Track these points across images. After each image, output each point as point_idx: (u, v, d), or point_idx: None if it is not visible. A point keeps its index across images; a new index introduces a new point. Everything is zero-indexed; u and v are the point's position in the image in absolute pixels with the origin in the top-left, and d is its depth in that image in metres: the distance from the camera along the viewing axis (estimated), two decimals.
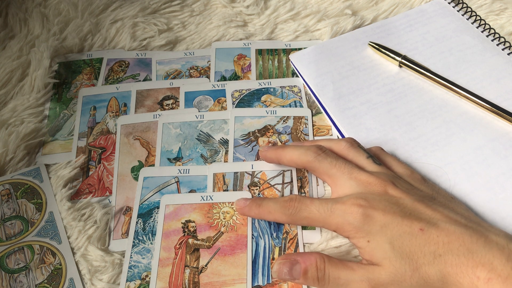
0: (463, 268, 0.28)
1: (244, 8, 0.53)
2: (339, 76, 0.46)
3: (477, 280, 0.27)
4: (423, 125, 0.42)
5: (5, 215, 0.39)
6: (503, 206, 0.37)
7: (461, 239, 0.29)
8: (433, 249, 0.29)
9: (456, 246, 0.28)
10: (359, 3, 0.53)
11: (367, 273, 0.30)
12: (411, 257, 0.29)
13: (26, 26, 0.52)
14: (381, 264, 0.29)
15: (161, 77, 0.49)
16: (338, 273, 0.30)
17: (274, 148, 0.39)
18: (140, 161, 0.42)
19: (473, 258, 0.28)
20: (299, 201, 0.33)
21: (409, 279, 0.29)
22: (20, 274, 0.36)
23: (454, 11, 0.51)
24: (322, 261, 0.31)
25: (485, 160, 0.39)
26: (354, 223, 0.31)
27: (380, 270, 0.29)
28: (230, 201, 0.39)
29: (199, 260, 0.36)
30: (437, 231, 0.29)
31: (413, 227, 0.30)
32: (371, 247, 0.30)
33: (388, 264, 0.29)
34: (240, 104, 0.46)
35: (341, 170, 0.34)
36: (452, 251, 0.28)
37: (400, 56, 0.46)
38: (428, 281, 0.29)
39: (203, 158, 0.42)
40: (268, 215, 0.35)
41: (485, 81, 0.44)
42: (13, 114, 0.45)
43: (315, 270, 0.31)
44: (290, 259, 0.31)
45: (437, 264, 0.28)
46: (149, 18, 0.52)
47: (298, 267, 0.31)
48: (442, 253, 0.28)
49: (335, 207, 0.32)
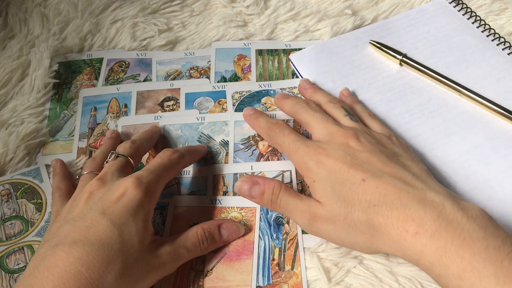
0: (394, 220, 0.29)
1: (244, 8, 0.53)
2: (340, 75, 0.46)
3: (406, 233, 0.28)
4: (422, 124, 0.42)
5: (5, 215, 0.39)
6: (502, 204, 0.37)
7: (398, 194, 0.30)
8: (369, 199, 0.30)
9: (391, 200, 0.30)
10: (359, 3, 0.53)
11: (310, 206, 0.33)
12: (348, 201, 0.31)
13: (26, 26, 0.52)
14: (321, 202, 0.33)
15: (161, 77, 0.49)
16: (289, 200, 0.34)
17: (282, 96, 0.43)
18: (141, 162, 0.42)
19: (405, 212, 0.29)
20: (280, 128, 0.38)
21: (343, 220, 0.31)
22: (20, 274, 0.36)
23: (454, 11, 0.51)
24: (279, 187, 0.35)
25: (485, 159, 0.39)
26: (308, 164, 0.34)
27: (320, 206, 0.33)
28: (239, 206, 0.39)
29: (205, 264, 0.36)
30: (377, 183, 0.31)
31: (356, 177, 0.32)
32: (316, 186, 0.34)
33: (326, 203, 0.32)
34: (241, 106, 0.46)
35: (318, 121, 0.37)
36: (386, 203, 0.30)
37: (401, 54, 0.46)
38: (359, 226, 0.31)
39: (204, 160, 0.42)
40: (258, 129, 0.41)
41: (485, 81, 0.44)
42: (13, 114, 0.45)
43: (271, 193, 0.35)
44: (253, 179, 0.36)
45: (370, 212, 0.30)
46: (149, 18, 0.52)
47: (258, 188, 0.35)
48: (377, 203, 0.30)
49: (301, 147, 0.35)
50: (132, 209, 0.32)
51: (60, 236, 0.30)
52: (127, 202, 0.32)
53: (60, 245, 0.29)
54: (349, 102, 0.42)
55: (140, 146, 0.39)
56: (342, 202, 0.32)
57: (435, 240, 0.27)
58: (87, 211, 0.32)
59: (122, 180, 0.33)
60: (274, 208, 0.35)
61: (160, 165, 0.36)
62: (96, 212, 0.31)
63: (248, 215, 0.38)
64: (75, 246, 0.29)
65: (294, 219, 0.35)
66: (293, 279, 0.35)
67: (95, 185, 0.34)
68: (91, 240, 0.29)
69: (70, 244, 0.29)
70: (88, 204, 0.32)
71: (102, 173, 0.35)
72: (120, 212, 0.31)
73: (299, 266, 0.36)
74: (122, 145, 0.39)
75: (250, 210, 0.39)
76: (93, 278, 0.28)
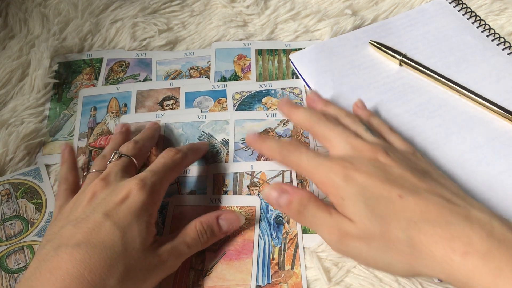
0: (437, 239, 0.27)
1: (244, 8, 0.53)
2: (339, 74, 0.46)
3: (453, 253, 0.26)
4: (423, 124, 0.42)
5: (5, 215, 0.39)
6: (503, 204, 0.37)
7: (440, 211, 0.28)
8: (409, 216, 0.28)
9: (434, 217, 0.28)
10: (359, 3, 0.53)
11: (340, 222, 0.31)
12: (384, 219, 0.29)
13: (26, 26, 0.52)
14: (353, 220, 0.30)
15: (161, 77, 0.49)
16: (316, 213, 0.32)
17: (290, 105, 0.39)
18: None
19: (449, 230, 0.27)
20: (295, 147, 0.35)
21: (378, 238, 0.29)
22: (20, 274, 0.36)
23: (454, 11, 0.51)
24: (308, 199, 0.32)
25: (485, 159, 0.39)
26: (335, 180, 0.31)
27: (351, 224, 0.30)
28: (238, 205, 0.39)
29: (204, 263, 0.36)
30: (416, 200, 0.29)
31: (392, 193, 0.30)
32: (345, 204, 0.31)
33: (359, 221, 0.30)
34: (241, 106, 0.46)
35: (339, 134, 0.35)
36: (428, 220, 0.28)
37: (400, 54, 0.46)
38: (398, 245, 0.28)
39: (204, 159, 0.42)
40: (267, 151, 0.37)
41: (485, 81, 0.44)
42: (13, 114, 0.45)
43: (298, 204, 0.32)
44: (282, 187, 0.33)
45: (410, 230, 0.28)
46: (149, 18, 0.52)
47: (286, 197, 0.33)
48: (417, 220, 0.28)
49: (323, 163, 0.33)
50: (136, 212, 0.31)
51: (63, 237, 0.30)
52: (131, 205, 0.32)
53: (62, 246, 0.29)
54: (365, 115, 0.40)
55: (143, 146, 0.39)
56: (378, 219, 0.29)
57: (487, 261, 0.25)
58: (90, 212, 0.31)
59: (126, 182, 0.33)
60: (300, 220, 0.34)
61: (164, 166, 0.35)
62: (99, 213, 0.31)
63: (248, 214, 0.38)
64: (78, 249, 0.29)
65: (322, 235, 0.32)
66: (293, 278, 0.35)
67: (98, 186, 0.33)
68: (93, 242, 0.29)
69: (73, 246, 0.29)
70: (91, 204, 0.32)
71: (106, 173, 0.35)
72: (124, 215, 0.31)
73: (299, 265, 0.36)
74: (126, 145, 0.38)
75: (250, 209, 0.39)
76: (95, 282, 0.28)
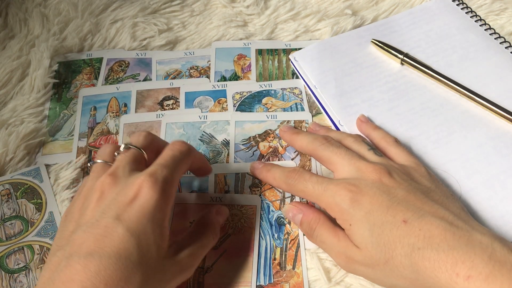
0: (441, 264, 0.27)
1: (244, 8, 0.53)
2: (342, 73, 0.46)
3: (456, 277, 0.27)
4: (424, 123, 0.42)
5: (5, 215, 0.39)
6: (503, 204, 0.37)
7: (443, 235, 0.28)
8: (413, 242, 0.29)
9: (437, 242, 0.28)
10: (359, 3, 0.53)
11: (347, 249, 0.32)
12: (388, 246, 0.29)
13: (26, 26, 0.52)
14: (359, 247, 0.31)
15: (161, 77, 0.48)
16: (324, 237, 0.33)
17: (291, 131, 0.41)
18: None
19: (453, 254, 0.27)
20: (299, 174, 0.35)
21: (383, 265, 0.30)
22: (20, 274, 0.36)
23: (457, 9, 0.51)
24: (316, 222, 0.34)
25: (486, 158, 0.39)
26: (341, 205, 0.32)
27: (357, 251, 0.31)
28: (239, 204, 0.39)
29: (205, 260, 0.36)
30: (420, 225, 0.29)
31: (396, 218, 0.30)
32: (352, 230, 0.31)
33: (365, 248, 0.31)
34: (241, 106, 0.46)
35: (342, 157, 0.35)
36: (432, 246, 0.28)
37: (402, 53, 0.46)
38: (402, 271, 0.29)
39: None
40: (272, 181, 0.38)
41: (488, 79, 0.44)
42: (13, 114, 0.45)
43: (308, 227, 0.35)
44: (298, 207, 0.36)
45: (414, 257, 0.28)
46: (149, 18, 0.52)
47: (299, 217, 0.35)
48: (421, 246, 0.28)
49: (328, 187, 0.33)
50: (149, 213, 0.29)
51: (74, 245, 0.28)
52: (142, 205, 0.29)
53: (75, 256, 0.27)
54: (369, 128, 0.40)
55: (155, 139, 0.36)
56: (382, 247, 0.30)
57: (490, 284, 0.26)
58: (99, 216, 0.29)
59: (134, 178, 0.30)
60: (311, 240, 0.35)
61: (173, 158, 0.33)
62: (110, 217, 0.28)
63: (249, 213, 0.38)
64: (91, 259, 0.26)
65: (331, 256, 0.34)
66: (294, 278, 0.35)
67: (106, 183, 0.30)
68: (107, 251, 0.27)
69: (86, 255, 0.27)
70: (100, 206, 0.30)
71: (114, 168, 0.32)
72: (136, 218, 0.28)
73: (300, 266, 0.36)
74: (136, 135, 0.35)
75: (251, 208, 0.39)
76: None
